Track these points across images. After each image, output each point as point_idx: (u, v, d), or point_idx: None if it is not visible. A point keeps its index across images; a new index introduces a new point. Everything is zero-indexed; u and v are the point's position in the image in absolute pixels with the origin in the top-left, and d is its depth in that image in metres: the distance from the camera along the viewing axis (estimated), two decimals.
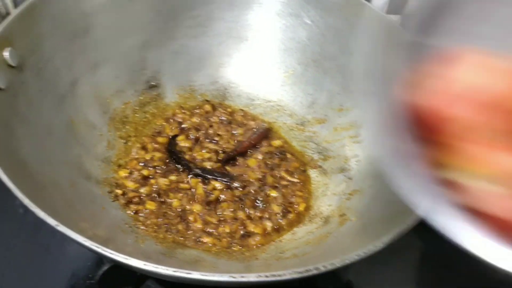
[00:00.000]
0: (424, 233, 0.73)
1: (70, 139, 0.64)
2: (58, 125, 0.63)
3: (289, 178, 0.70)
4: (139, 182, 0.66)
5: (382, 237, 0.46)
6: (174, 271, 0.39)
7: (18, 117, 0.57)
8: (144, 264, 0.40)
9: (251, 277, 0.39)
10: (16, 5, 0.74)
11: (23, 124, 0.57)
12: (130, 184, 0.65)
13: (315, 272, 0.41)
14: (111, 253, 0.40)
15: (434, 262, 0.71)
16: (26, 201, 0.43)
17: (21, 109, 0.58)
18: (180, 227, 0.62)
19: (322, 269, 0.41)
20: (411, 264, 0.71)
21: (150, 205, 0.64)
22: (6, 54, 0.57)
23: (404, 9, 0.81)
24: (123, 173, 0.67)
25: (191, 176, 0.68)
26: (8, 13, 0.61)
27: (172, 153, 0.71)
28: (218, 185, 0.67)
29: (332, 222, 0.63)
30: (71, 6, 0.67)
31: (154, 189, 0.66)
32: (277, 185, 0.69)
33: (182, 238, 0.61)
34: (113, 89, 0.74)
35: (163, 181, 0.67)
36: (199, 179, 0.68)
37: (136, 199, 0.64)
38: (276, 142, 0.75)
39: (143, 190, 0.65)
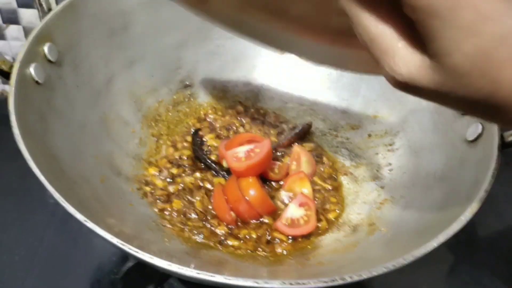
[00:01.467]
0: (454, 246, 0.71)
1: (103, 135, 0.65)
2: (92, 121, 0.64)
3: (322, 183, 0.69)
4: (168, 180, 0.66)
5: (412, 250, 0.44)
6: (198, 273, 0.39)
7: (54, 111, 0.58)
8: (169, 265, 0.39)
9: (275, 284, 0.38)
10: (57, 1, 0.76)
11: (58, 119, 0.58)
12: (159, 182, 0.66)
13: (340, 282, 0.40)
14: (136, 252, 0.40)
15: (461, 276, 0.69)
16: (57, 195, 0.44)
17: (57, 103, 0.59)
18: (204, 231, 0.61)
19: (348, 280, 0.40)
20: (438, 275, 0.69)
21: (177, 204, 0.64)
22: (45, 49, 0.58)
23: None
24: (152, 170, 0.67)
25: (215, 175, 0.68)
26: (50, 9, 0.62)
27: (195, 150, 0.71)
28: None
29: (361, 231, 0.61)
30: (110, 4, 0.68)
31: (181, 187, 0.66)
32: None
33: (207, 241, 0.60)
34: (148, 87, 0.75)
35: (189, 180, 0.67)
36: (223, 178, 0.68)
37: (163, 198, 0.64)
38: (309, 145, 0.74)
39: (171, 188, 0.65)
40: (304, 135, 0.75)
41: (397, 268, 0.42)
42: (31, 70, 0.55)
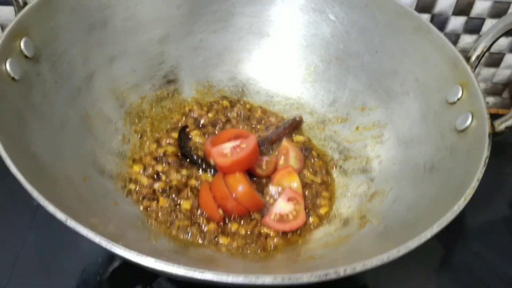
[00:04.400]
0: (445, 238, 0.71)
1: (85, 133, 0.63)
2: (73, 118, 0.62)
3: (312, 177, 0.68)
4: (153, 177, 0.65)
5: (406, 242, 0.43)
6: (187, 271, 0.37)
7: (32, 109, 0.55)
8: (156, 262, 0.38)
9: (267, 279, 0.37)
10: None
11: (36, 117, 0.56)
12: (144, 180, 0.64)
13: (334, 276, 0.39)
14: (121, 250, 0.39)
15: (453, 267, 0.68)
16: (35, 194, 0.42)
17: (36, 101, 0.56)
18: (193, 229, 0.60)
19: (342, 274, 0.39)
20: (430, 268, 0.68)
21: (163, 202, 0.62)
22: (22, 44, 0.56)
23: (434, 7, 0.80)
24: (137, 168, 0.65)
25: (201, 171, 0.66)
26: (25, 3, 0.60)
27: (182, 147, 0.69)
28: None
29: (352, 224, 0.60)
30: None
31: (167, 185, 0.64)
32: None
33: (198, 239, 0.59)
34: (130, 83, 0.72)
35: (175, 176, 0.65)
36: (210, 175, 0.66)
37: (149, 195, 0.62)
38: (300, 138, 0.73)
39: (156, 186, 0.64)
40: (293, 129, 0.74)
41: (391, 260, 0.41)
42: (7, 65, 0.53)
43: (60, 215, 0.41)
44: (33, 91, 0.56)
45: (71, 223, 0.40)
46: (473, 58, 0.63)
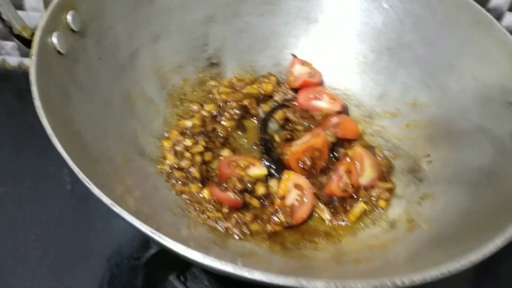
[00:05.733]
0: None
1: (127, 112, 0.61)
2: (116, 96, 0.60)
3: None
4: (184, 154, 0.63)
5: (465, 254, 0.40)
6: (234, 269, 0.35)
7: (76, 84, 0.54)
8: (203, 257, 0.36)
9: (320, 284, 0.35)
10: None
11: (80, 92, 0.54)
12: (171, 158, 0.62)
13: (390, 286, 0.36)
14: (167, 241, 0.37)
15: (499, 276, 0.67)
16: (81, 175, 0.40)
17: (80, 76, 0.55)
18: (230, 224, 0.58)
19: (399, 284, 0.36)
20: (474, 276, 0.67)
21: (194, 188, 0.60)
22: (69, 17, 0.54)
23: None
24: (166, 144, 0.64)
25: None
26: None
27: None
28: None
29: (399, 227, 0.57)
30: None
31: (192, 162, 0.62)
32: None
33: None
34: (173, 64, 0.70)
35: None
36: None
37: (182, 180, 0.60)
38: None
39: (183, 164, 0.62)
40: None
41: (453, 274, 0.38)
42: (54, 39, 0.51)
43: (106, 200, 0.39)
44: (78, 66, 0.55)
45: (117, 209, 0.38)
46: None
